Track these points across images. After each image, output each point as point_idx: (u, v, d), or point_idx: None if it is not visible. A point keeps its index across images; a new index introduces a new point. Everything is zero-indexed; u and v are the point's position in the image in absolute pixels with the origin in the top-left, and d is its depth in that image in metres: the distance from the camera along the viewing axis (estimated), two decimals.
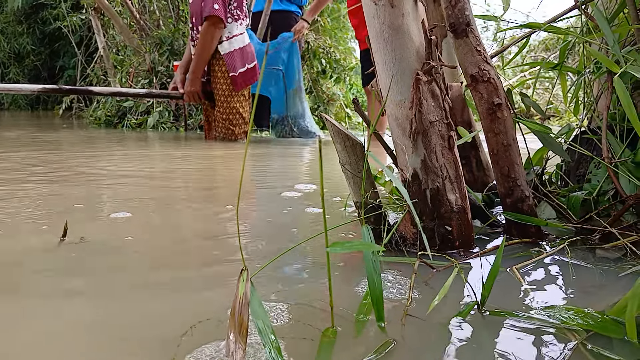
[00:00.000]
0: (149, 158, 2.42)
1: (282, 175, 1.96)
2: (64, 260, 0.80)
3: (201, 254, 0.87)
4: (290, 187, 1.58)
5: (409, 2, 0.79)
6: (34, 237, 0.94)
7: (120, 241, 0.93)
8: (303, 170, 2.16)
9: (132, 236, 0.96)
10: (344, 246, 0.48)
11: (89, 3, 4.54)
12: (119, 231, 1.00)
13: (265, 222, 1.10)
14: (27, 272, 0.76)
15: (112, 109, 4.12)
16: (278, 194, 1.47)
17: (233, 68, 2.97)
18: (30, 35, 8.62)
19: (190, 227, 1.09)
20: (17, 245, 0.89)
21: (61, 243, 0.87)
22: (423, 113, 0.80)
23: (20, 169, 1.86)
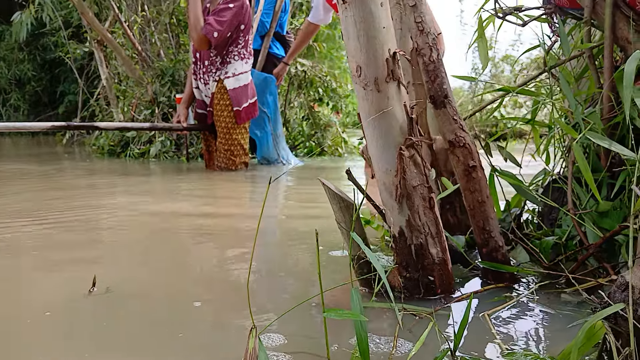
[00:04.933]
0: (155, 195, 2.54)
1: (279, 207, 2.09)
2: (96, 313, 0.93)
3: (210, 302, 0.99)
4: (286, 222, 1.70)
5: (393, 87, 0.93)
6: (59, 288, 1.06)
7: (142, 289, 1.05)
8: (297, 204, 2.27)
9: (152, 283, 1.08)
10: (337, 314, 0.61)
11: (92, 36, 4.70)
12: (138, 278, 1.13)
13: (266, 268, 1.23)
14: (63, 327, 0.88)
15: (115, 139, 4.26)
16: (280, 233, 1.59)
17: (238, 103, 3.13)
18: (31, 62, 8.79)
19: (198, 273, 1.21)
20: (43, 298, 1.01)
21: (89, 295, 0.99)
22: (407, 179, 0.93)
23: (29, 211, 1.98)
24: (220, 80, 3.16)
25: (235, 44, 3.16)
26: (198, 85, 3.30)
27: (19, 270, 1.21)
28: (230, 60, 3.16)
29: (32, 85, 8.84)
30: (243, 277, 1.14)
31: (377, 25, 0.91)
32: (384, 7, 0.93)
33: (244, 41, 3.19)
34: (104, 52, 4.74)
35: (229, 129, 3.21)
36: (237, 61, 3.18)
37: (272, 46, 4.07)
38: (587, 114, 1.13)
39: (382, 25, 0.92)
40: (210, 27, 2.99)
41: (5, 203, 2.14)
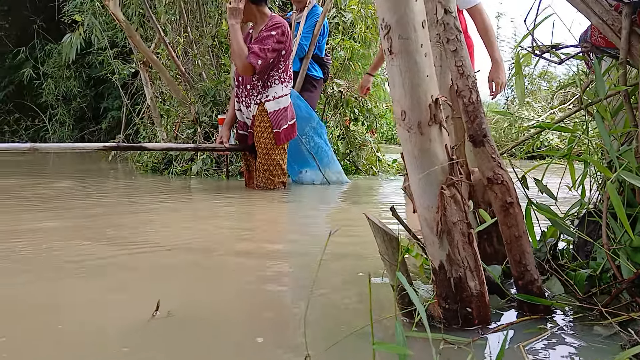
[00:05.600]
0: (199, 214, 2.66)
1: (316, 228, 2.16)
2: (159, 338, 1.02)
3: (268, 330, 1.08)
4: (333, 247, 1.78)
5: (435, 130, 1.00)
6: (123, 311, 1.17)
7: (202, 314, 1.14)
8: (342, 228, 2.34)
9: (209, 308, 1.17)
10: (386, 347, 0.68)
11: (138, 57, 4.93)
12: (196, 302, 1.22)
13: (314, 295, 1.31)
14: (128, 352, 0.97)
15: (159, 156, 4.44)
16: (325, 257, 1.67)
17: (277, 125, 3.25)
18: (77, 79, 9.19)
19: (251, 298, 1.30)
20: (108, 320, 1.11)
21: (152, 318, 1.09)
22: (447, 216, 1.00)
23: (80, 229, 2.11)
24: (261, 104, 3.29)
25: (276, 68, 3.29)
26: (240, 108, 3.43)
27: (81, 291, 1.33)
28: (271, 84, 3.29)
29: (77, 101, 9.23)
30: (293, 301, 1.23)
31: (421, 74, 0.99)
32: (428, 57, 1.01)
33: (285, 66, 3.32)
34: (149, 73, 4.96)
35: (269, 150, 3.32)
36: (277, 85, 3.30)
37: (310, 68, 4.20)
38: (622, 152, 1.18)
39: (426, 74, 1.00)
40: (255, 56, 3.12)
41: (60, 221, 2.29)
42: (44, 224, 2.21)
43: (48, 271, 1.50)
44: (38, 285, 1.35)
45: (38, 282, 1.38)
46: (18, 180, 3.92)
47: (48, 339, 1.00)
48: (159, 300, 1.10)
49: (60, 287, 1.34)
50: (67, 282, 1.39)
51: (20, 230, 2.05)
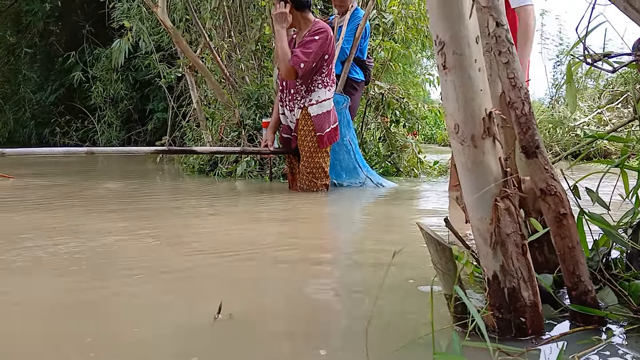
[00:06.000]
0: (246, 216, 2.73)
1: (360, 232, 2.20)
2: (223, 340, 1.08)
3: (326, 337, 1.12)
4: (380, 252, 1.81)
5: (488, 143, 1.02)
6: (185, 313, 1.23)
7: (261, 317, 1.20)
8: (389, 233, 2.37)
9: (268, 312, 1.23)
10: (446, 357, 0.71)
11: (184, 62, 5.08)
12: (254, 305, 1.28)
13: (367, 303, 1.34)
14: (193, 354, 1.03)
15: (205, 158, 4.56)
16: (369, 263, 1.70)
17: (321, 128, 3.31)
18: (124, 82, 9.51)
19: (305, 303, 1.35)
20: (172, 323, 1.17)
21: (215, 321, 1.15)
22: (501, 227, 1.02)
23: (134, 231, 2.21)
24: (304, 108, 3.35)
25: (319, 73, 3.34)
26: (284, 112, 3.50)
27: (145, 293, 1.40)
28: (314, 89, 3.34)
29: (124, 103, 9.56)
30: (347, 309, 1.27)
31: (475, 89, 1.01)
32: (482, 72, 1.03)
33: (328, 70, 3.37)
34: (194, 77, 5.10)
35: (312, 153, 3.38)
36: (320, 89, 3.35)
37: (351, 71, 4.24)
38: None
39: (480, 88, 1.02)
40: (297, 59, 3.18)
41: (113, 223, 2.41)
42: (99, 225, 2.32)
43: (106, 273, 1.59)
44: (97, 286, 1.44)
45: (97, 283, 1.47)
46: (71, 181, 4.11)
47: (116, 340, 1.07)
48: (221, 303, 1.15)
49: (120, 289, 1.42)
50: (126, 283, 1.47)
51: (77, 231, 2.17)
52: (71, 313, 1.23)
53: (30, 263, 1.66)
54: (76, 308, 1.27)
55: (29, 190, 3.56)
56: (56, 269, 1.60)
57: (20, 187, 3.70)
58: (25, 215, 2.57)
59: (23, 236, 2.03)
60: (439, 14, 1.02)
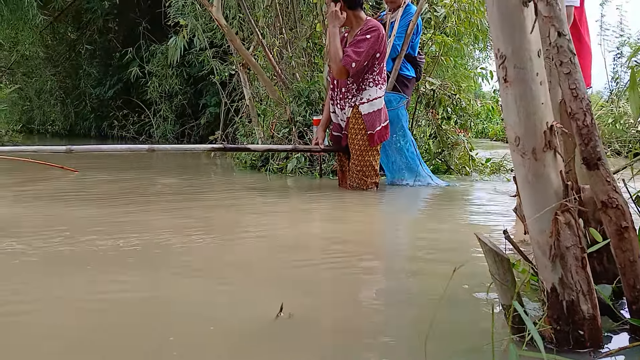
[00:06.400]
0: (298, 215, 2.79)
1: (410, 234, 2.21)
2: (285, 339, 1.14)
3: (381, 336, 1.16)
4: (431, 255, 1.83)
5: (549, 156, 1.03)
6: (247, 311, 1.30)
7: (319, 317, 1.25)
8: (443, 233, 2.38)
9: (324, 312, 1.28)
10: None
11: (238, 60, 5.20)
12: (312, 305, 1.33)
13: (423, 310, 1.37)
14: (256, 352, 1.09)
15: (257, 154, 4.66)
16: (421, 267, 1.73)
17: (372, 127, 3.33)
18: (178, 77, 9.79)
19: (360, 303, 1.39)
20: (235, 320, 1.24)
21: (276, 319, 1.20)
22: (561, 241, 1.02)
23: (192, 229, 2.31)
24: (355, 106, 3.37)
25: (370, 71, 3.35)
26: (335, 110, 3.54)
27: (205, 290, 1.48)
28: (366, 87, 3.36)
29: (179, 98, 9.85)
30: (406, 314, 1.30)
31: (536, 102, 1.02)
32: (543, 85, 1.03)
33: (379, 68, 3.38)
34: (247, 74, 5.21)
35: (362, 151, 3.40)
36: (371, 87, 3.36)
37: (402, 67, 4.23)
38: None
39: (541, 101, 1.03)
40: (349, 59, 3.21)
41: (169, 218, 2.52)
42: (156, 221, 2.44)
43: (164, 269, 1.68)
44: (156, 283, 1.53)
45: (160, 280, 1.56)
46: (130, 176, 4.30)
47: (180, 338, 1.14)
48: (282, 303, 1.21)
49: (179, 285, 1.50)
50: (184, 280, 1.55)
51: (136, 226, 2.29)
52: (135, 310, 1.32)
53: (89, 257, 1.77)
54: (141, 305, 1.35)
55: (91, 185, 3.75)
56: (116, 263, 1.70)
57: (83, 180, 3.90)
58: (86, 210, 2.71)
59: (87, 230, 2.16)
60: (500, 28, 1.03)
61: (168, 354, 1.04)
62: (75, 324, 1.21)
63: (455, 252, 1.93)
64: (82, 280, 1.52)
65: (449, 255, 1.86)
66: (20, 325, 1.19)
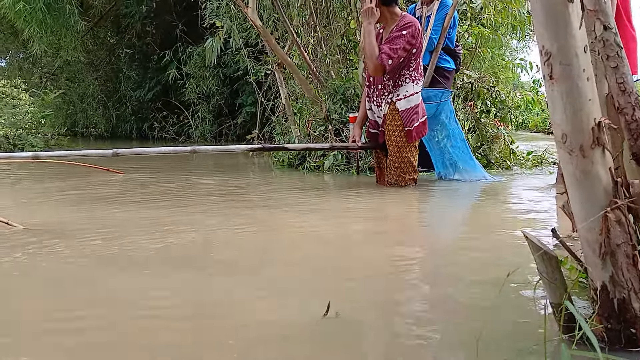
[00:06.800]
0: (336, 213, 2.81)
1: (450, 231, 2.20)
2: (333, 338, 1.16)
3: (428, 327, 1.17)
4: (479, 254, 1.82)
5: (598, 152, 1.01)
6: (293, 310, 1.33)
7: (364, 316, 1.27)
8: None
9: (372, 312, 1.30)
10: None
11: (273, 59, 5.25)
12: (356, 303, 1.35)
13: (473, 310, 1.37)
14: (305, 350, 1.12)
15: (294, 152, 4.71)
16: (464, 266, 1.72)
17: (409, 123, 3.32)
18: (215, 78, 9.96)
19: (406, 304, 1.40)
20: (283, 319, 1.27)
21: (323, 318, 1.23)
22: (611, 238, 1.01)
23: (232, 226, 2.35)
24: (392, 103, 3.37)
25: (407, 67, 3.34)
26: (371, 107, 3.54)
27: (252, 289, 1.52)
28: (402, 83, 3.35)
29: (215, 98, 10.02)
30: (456, 314, 1.31)
31: (583, 99, 1.01)
32: (590, 81, 1.02)
33: (415, 64, 3.36)
34: (283, 74, 5.26)
35: (399, 148, 3.39)
36: (408, 83, 3.35)
37: (441, 60, 4.20)
38: None
39: (588, 97, 1.01)
40: (385, 56, 3.21)
41: (211, 217, 2.58)
42: (200, 220, 2.50)
43: (211, 268, 1.73)
44: (204, 282, 1.57)
45: (204, 279, 1.61)
46: (173, 177, 4.41)
47: (231, 335, 1.18)
48: (330, 302, 1.23)
49: (227, 284, 1.54)
50: (230, 278, 1.59)
51: (179, 226, 2.35)
52: (186, 311, 1.36)
53: (138, 257, 1.84)
54: (192, 306, 1.40)
55: (135, 186, 3.87)
56: (165, 263, 1.76)
57: (127, 182, 4.03)
58: (132, 211, 2.81)
59: (134, 230, 2.24)
60: (544, 25, 1.02)
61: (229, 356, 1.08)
62: (127, 323, 1.26)
63: (499, 250, 1.91)
64: (133, 280, 1.59)
65: (493, 254, 1.84)
66: (75, 324, 1.26)
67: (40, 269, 1.72)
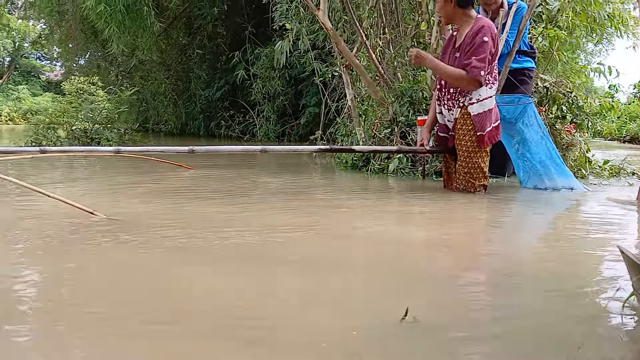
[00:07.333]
0: (404, 219, 2.78)
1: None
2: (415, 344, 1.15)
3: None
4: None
5: None
6: (370, 313, 1.32)
7: (445, 320, 1.25)
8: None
9: (453, 318, 1.27)
10: None
11: (341, 61, 5.27)
12: (433, 309, 1.33)
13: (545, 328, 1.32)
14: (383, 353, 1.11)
15: (358, 154, 4.70)
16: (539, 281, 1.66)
17: (481, 128, 3.24)
18: (281, 79, 10.13)
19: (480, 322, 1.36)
20: (360, 323, 1.26)
21: (400, 323, 1.22)
22: None
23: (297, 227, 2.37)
24: (464, 107, 3.29)
25: None
26: (441, 111, 3.47)
27: (328, 290, 1.53)
28: None
29: (280, 99, 10.20)
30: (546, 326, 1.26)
31: None
32: None
33: (490, 67, 3.27)
34: (350, 75, 5.27)
35: (470, 153, 3.31)
36: (481, 87, 3.26)
37: (521, 61, 4.12)
38: None
39: None
40: (476, 70, 3.13)
41: (275, 215, 2.61)
42: (264, 218, 2.55)
43: (282, 267, 1.75)
44: (277, 281, 1.59)
45: (277, 279, 1.63)
46: (239, 174, 4.51)
47: (309, 335, 1.19)
48: (408, 307, 1.22)
49: (301, 284, 1.56)
50: (302, 279, 1.61)
51: (245, 224, 2.40)
52: (264, 312, 1.39)
53: (213, 251, 1.89)
54: (268, 307, 1.43)
55: (205, 182, 3.99)
56: (239, 259, 1.80)
57: (197, 178, 4.16)
58: (204, 206, 2.90)
59: (204, 225, 2.31)
60: None
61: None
62: (201, 318, 1.30)
63: (578, 264, 1.83)
64: (207, 274, 1.64)
65: (572, 268, 1.76)
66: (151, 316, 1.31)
67: (121, 257, 1.81)
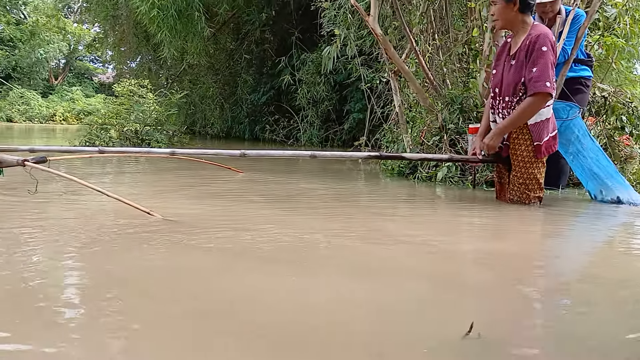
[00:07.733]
0: (453, 229, 2.72)
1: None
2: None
3: None
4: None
5: None
6: (430, 327, 1.29)
7: (513, 338, 1.20)
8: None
9: (516, 333, 1.23)
10: None
11: (390, 67, 5.24)
12: (499, 325, 1.29)
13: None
14: None
15: (405, 161, 4.65)
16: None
17: (539, 137, 3.14)
18: (325, 84, 10.17)
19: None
20: (420, 336, 1.23)
21: (464, 338, 1.18)
22: None
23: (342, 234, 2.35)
24: None
25: None
26: (495, 119, 3.38)
27: (384, 301, 1.50)
28: None
29: (325, 104, 10.24)
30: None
31: None
32: None
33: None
34: (398, 82, 5.23)
35: (526, 163, 3.21)
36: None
37: (579, 70, 4.01)
38: None
39: None
40: (541, 83, 3.01)
41: (318, 221, 2.60)
42: (310, 220, 2.54)
43: (335, 274, 1.73)
44: (331, 288, 1.58)
45: (331, 285, 1.61)
46: (284, 179, 4.55)
47: (359, 345, 1.17)
48: (473, 322, 1.18)
49: (357, 292, 1.54)
50: (361, 286, 1.59)
51: (286, 227, 2.40)
52: (319, 318, 1.38)
53: (266, 253, 1.89)
54: (321, 312, 1.41)
55: (252, 185, 4.03)
56: (292, 262, 1.80)
57: (246, 181, 4.21)
58: (252, 209, 2.92)
59: (255, 227, 2.32)
60: None
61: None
62: (256, 316, 1.30)
63: (632, 283, 1.73)
64: (263, 275, 1.64)
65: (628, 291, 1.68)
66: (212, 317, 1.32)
67: (179, 256, 1.84)
